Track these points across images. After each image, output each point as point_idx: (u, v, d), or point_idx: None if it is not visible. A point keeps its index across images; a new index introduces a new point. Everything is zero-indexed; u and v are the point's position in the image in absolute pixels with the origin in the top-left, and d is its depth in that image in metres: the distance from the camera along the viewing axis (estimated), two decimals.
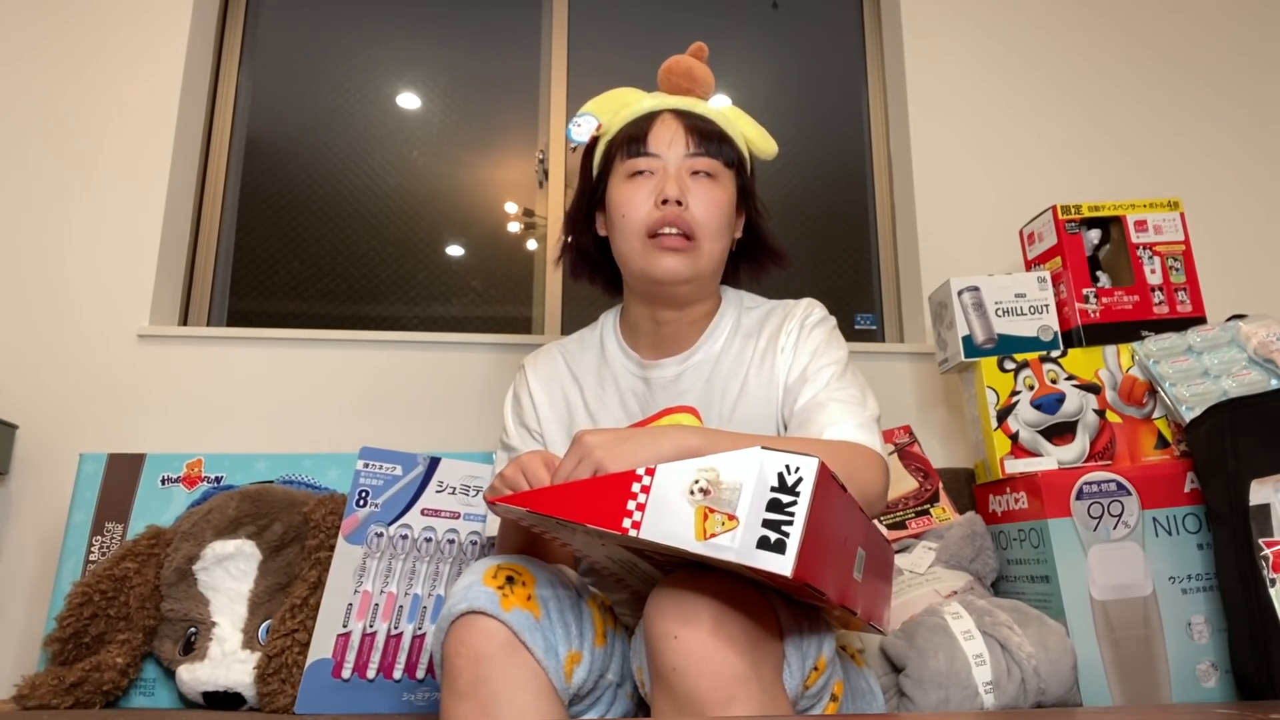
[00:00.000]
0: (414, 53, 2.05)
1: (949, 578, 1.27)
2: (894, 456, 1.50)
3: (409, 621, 1.11)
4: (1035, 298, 1.45)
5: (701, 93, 1.10)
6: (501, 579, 0.79)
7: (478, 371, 1.67)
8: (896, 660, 1.08)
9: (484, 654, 0.76)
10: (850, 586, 0.69)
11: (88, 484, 1.31)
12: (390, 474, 1.14)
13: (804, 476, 0.61)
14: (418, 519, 1.14)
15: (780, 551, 0.60)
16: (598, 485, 0.68)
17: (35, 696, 1.08)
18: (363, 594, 1.10)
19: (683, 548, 0.62)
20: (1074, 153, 1.94)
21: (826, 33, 2.16)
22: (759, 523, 0.61)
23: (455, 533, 1.15)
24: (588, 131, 1.06)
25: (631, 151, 1.02)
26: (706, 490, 0.63)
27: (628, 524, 0.64)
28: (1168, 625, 1.19)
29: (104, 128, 1.71)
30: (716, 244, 1.02)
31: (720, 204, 1.01)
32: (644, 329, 1.07)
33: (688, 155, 1.01)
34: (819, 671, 0.75)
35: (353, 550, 1.11)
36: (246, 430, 1.60)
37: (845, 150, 2.09)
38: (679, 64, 1.09)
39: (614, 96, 1.10)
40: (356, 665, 1.08)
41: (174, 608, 1.19)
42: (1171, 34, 2.04)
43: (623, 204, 1.01)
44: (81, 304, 1.63)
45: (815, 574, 0.61)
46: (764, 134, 1.11)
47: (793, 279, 1.99)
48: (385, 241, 1.93)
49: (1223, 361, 1.29)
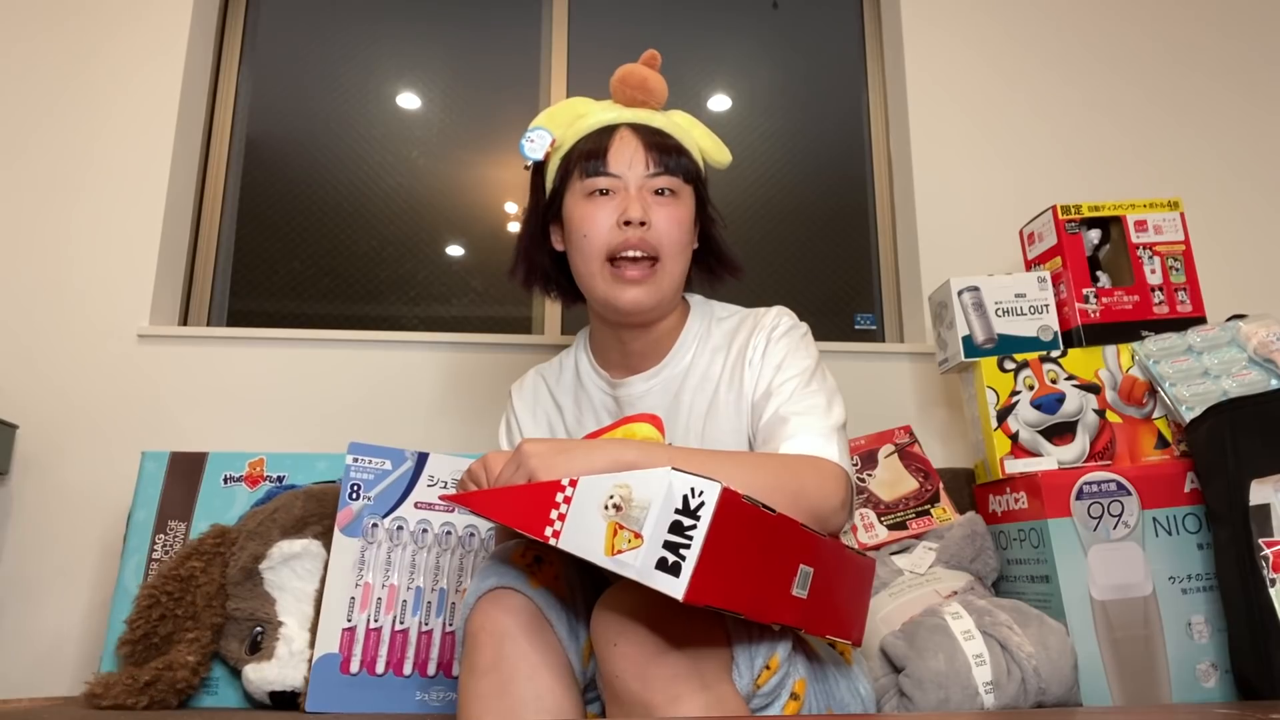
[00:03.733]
0: (414, 53, 2.05)
1: (949, 578, 1.27)
2: (894, 457, 1.50)
3: (414, 615, 1.11)
4: (1035, 298, 1.45)
5: (656, 104, 1.08)
6: (530, 558, 0.80)
7: (477, 371, 1.67)
8: (896, 660, 1.08)
9: (508, 630, 0.76)
10: (784, 603, 0.69)
11: (150, 482, 1.30)
12: (380, 469, 1.14)
13: (706, 501, 0.61)
14: (411, 512, 1.14)
15: (675, 574, 0.60)
16: (527, 492, 0.69)
17: (110, 696, 1.08)
18: (364, 586, 1.10)
19: (594, 561, 0.63)
20: (1074, 153, 1.94)
21: (826, 33, 2.16)
22: (660, 543, 0.61)
23: (451, 525, 1.16)
24: (542, 148, 1.05)
25: (590, 170, 1.01)
26: (619, 506, 0.64)
27: (549, 532, 0.66)
28: (1168, 625, 1.19)
29: (104, 127, 1.71)
30: (678, 263, 1.02)
31: (682, 222, 1.01)
32: (611, 347, 1.08)
33: (648, 175, 1.00)
34: (770, 671, 0.75)
35: (350, 543, 1.11)
36: (247, 430, 1.60)
37: (845, 150, 2.09)
38: (633, 74, 1.06)
39: (566, 108, 1.08)
40: (364, 660, 1.08)
41: (240, 607, 1.18)
42: (1171, 34, 2.04)
43: (583, 224, 1.00)
44: (81, 304, 1.63)
45: (717, 597, 0.61)
46: (718, 143, 1.11)
47: (793, 279, 1.99)
48: (385, 241, 1.93)
49: (1223, 361, 1.29)
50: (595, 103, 1.09)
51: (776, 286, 1.98)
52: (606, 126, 1.04)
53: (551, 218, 1.07)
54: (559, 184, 1.05)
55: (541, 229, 1.09)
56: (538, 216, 1.09)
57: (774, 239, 2.02)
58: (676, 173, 1.02)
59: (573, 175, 1.03)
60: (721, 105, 2.09)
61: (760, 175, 2.03)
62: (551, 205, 1.07)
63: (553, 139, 1.05)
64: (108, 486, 1.54)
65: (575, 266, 1.03)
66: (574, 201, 1.02)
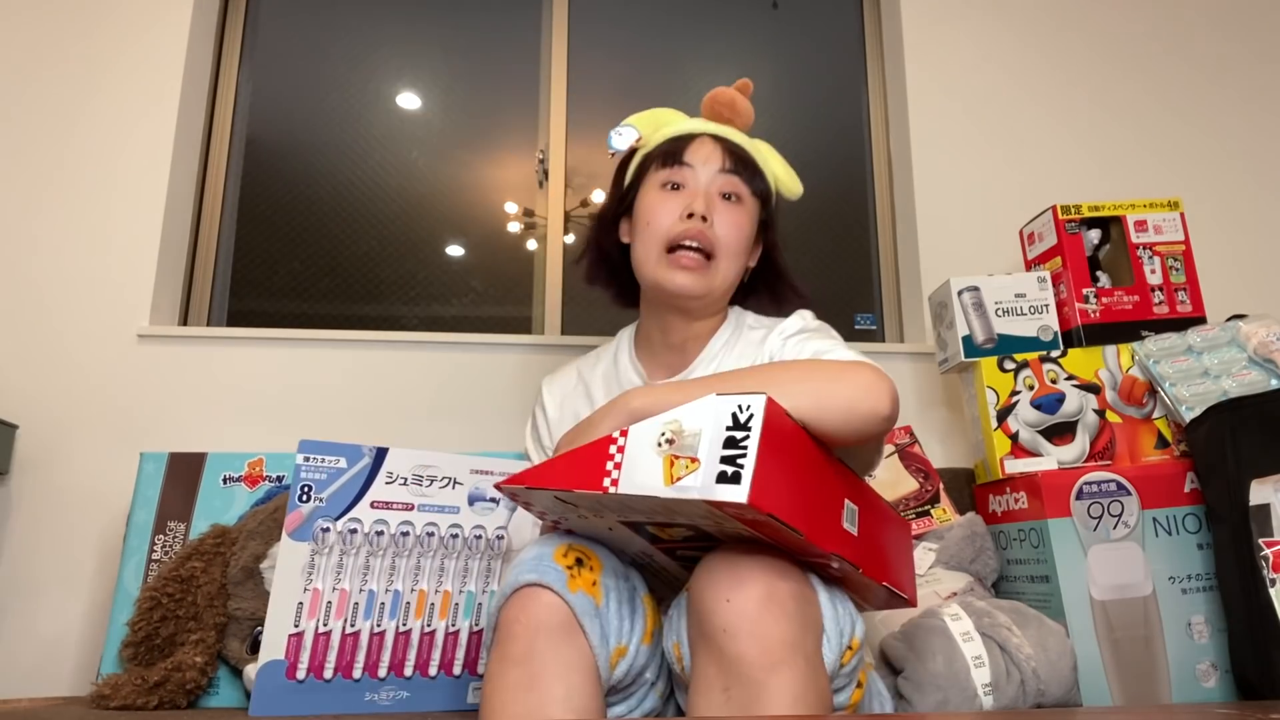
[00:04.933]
0: (414, 53, 2.05)
1: (949, 579, 1.27)
2: (894, 457, 1.50)
3: (365, 619, 1.06)
4: (1035, 298, 1.44)
5: (741, 124, 1.13)
6: (572, 559, 0.81)
7: (477, 371, 1.67)
8: (895, 662, 1.08)
9: (543, 627, 0.77)
10: (838, 535, 0.72)
11: (149, 483, 1.30)
12: (334, 467, 1.07)
13: (755, 412, 0.66)
14: (367, 512, 1.07)
15: (736, 482, 0.63)
16: (580, 454, 0.73)
17: (119, 697, 1.07)
18: (313, 592, 1.04)
19: (655, 495, 0.67)
20: (1073, 152, 1.94)
21: (826, 33, 2.16)
22: (717, 460, 0.65)
23: (410, 524, 1.09)
24: (628, 141, 1.10)
25: (667, 161, 1.06)
26: (672, 440, 0.68)
27: (606, 483, 0.69)
28: (1168, 625, 1.19)
29: (104, 127, 1.71)
30: (733, 264, 1.05)
31: (742, 226, 1.05)
32: (653, 338, 1.11)
33: (720, 172, 1.05)
34: (852, 650, 0.77)
35: (299, 547, 1.05)
36: (247, 430, 1.60)
37: (845, 150, 2.09)
38: (723, 94, 1.13)
39: (656, 114, 1.14)
40: (311, 666, 1.04)
41: (241, 606, 1.18)
42: (1171, 34, 2.04)
43: (650, 212, 1.05)
44: (81, 304, 1.63)
45: (776, 505, 0.64)
46: (792, 174, 1.15)
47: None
48: (385, 241, 1.93)
49: (1223, 361, 1.29)
50: (685, 115, 1.15)
51: None
52: (690, 133, 1.09)
53: (624, 212, 1.12)
54: (636, 179, 1.10)
55: (614, 219, 1.14)
56: (613, 206, 1.14)
57: None
58: (746, 181, 1.06)
59: (650, 168, 1.08)
60: None
61: None
62: (626, 197, 1.11)
63: (639, 135, 1.10)
64: (107, 487, 1.54)
65: (636, 254, 1.07)
66: (646, 192, 1.07)
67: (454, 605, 1.08)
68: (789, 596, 0.71)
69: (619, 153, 1.11)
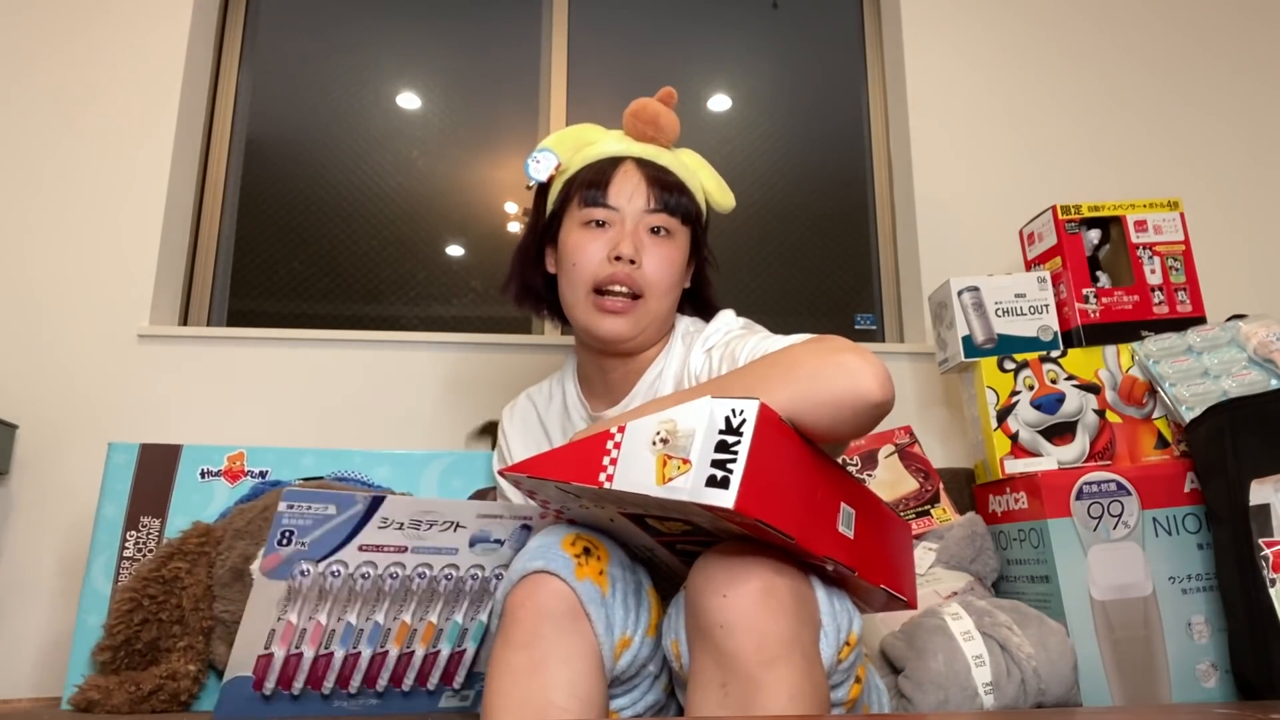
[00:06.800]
0: (414, 53, 2.05)
1: (949, 578, 1.27)
2: (894, 457, 1.50)
3: (341, 646, 0.99)
4: (1035, 298, 1.45)
5: (665, 141, 1.08)
6: (580, 548, 0.81)
7: (477, 371, 1.67)
8: (896, 661, 1.08)
9: (549, 614, 0.77)
10: (832, 538, 0.72)
11: (118, 475, 1.22)
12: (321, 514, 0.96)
13: (747, 417, 0.66)
14: (354, 555, 0.97)
15: (725, 487, 0.63)
16: (579, 447, 0.74)
17: (109, 704, 1.03)
18: (286, 623, 0.96)
19: (647, 493, 0.67)
20: (1074, 152, 1.94)
21: (826, 33, 2.16)
22: (708, 463, 0.66)
23: (401, 565, 0.99)
24: (546, 170, 1.05)
25: (589, 200, 1.02)
26: (666, 440, 0.69)
27: (602, 478, 0.71)
28: (1168, 625, 1.19)
29: (104, 127, 1.71)
30: (663, 301, 1.03)
31: (673, 263, 1.03)
32: (593, 374, 1.10)
33: (647, 211, 1.02)
34: (850, 646, 0.77)
35: (275, 584, 0.94)
36: (247, 430, 1.60)
37: (845, 150, 2.09)
38: (646, 109, 1.07)
39: (575, 133, 1.09)
40: (280, 681, 0.98)
41: (229, 609, 1.12)
42: (1171, 34, 2.04)
43: (575, 252, 1.01)
44: (81, 304, 1.63)
45: (764, 511, 0.65)
46: (723, 187, 1.12)
47: (793, 279, 1.99)
48: (385, 241, 1.93)
49: (1223, 361, 1.29)
50: (605, 131, 1.10)
51: (776, 286, 1.98)
52: (612, 158, 1.05)
53: (548, 240, 1.09)
54: (559, 207, 1.06)
55: (538, 249, 1.11)
56: (535, 236, 1.11)
57: (774, 239, 2.02)
58: (675, 212, 1.03)
59: (572, 202, 1.04)
60: (721, 105, 2.09)
61: (760, 175, 2.03)
62: (549, 227, 1.08)
63: (558, 162, 1.06)
64: None
65: (563, 292, 1.05)
66: (570, 228, 1.04)
67: (438, 631, 1.01)
68: (786, 592, 0.71)
69: (538, 183, 1.06)
